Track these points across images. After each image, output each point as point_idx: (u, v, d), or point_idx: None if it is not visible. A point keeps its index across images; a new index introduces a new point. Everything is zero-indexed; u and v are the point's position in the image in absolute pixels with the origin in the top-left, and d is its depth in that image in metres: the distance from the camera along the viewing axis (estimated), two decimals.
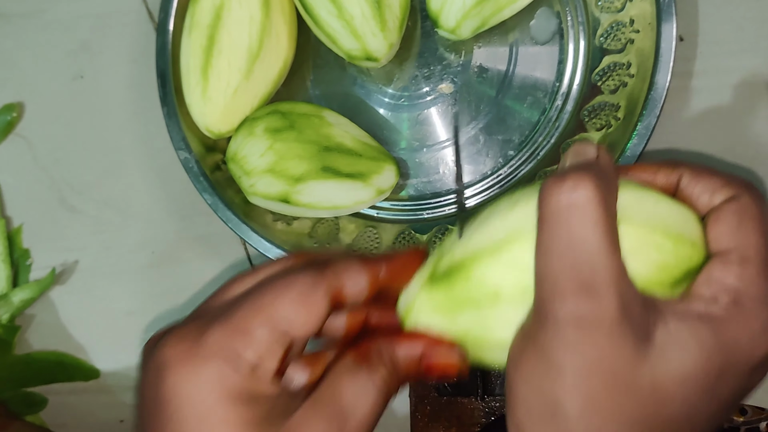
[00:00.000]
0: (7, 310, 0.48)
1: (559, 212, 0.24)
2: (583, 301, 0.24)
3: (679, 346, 0.24)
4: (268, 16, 0.43)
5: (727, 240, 0.26)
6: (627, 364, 0.24)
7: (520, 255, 0.26)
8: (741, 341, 0.25)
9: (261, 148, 0.41)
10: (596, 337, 0.23)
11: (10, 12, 0.52)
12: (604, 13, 0.43)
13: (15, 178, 0.51)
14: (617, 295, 0.24)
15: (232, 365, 0.26)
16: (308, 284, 0.27)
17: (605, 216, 0.24)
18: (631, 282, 0.25)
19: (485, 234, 0.27)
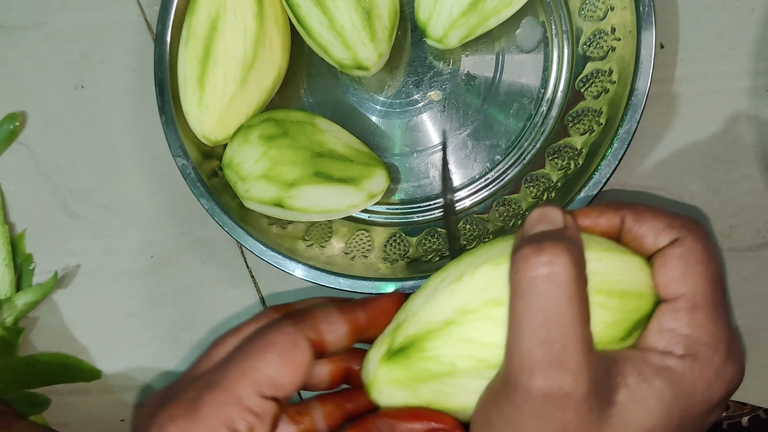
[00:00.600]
0: (11, 313, 0.50)
1: (536, 285, 0.25)
2: (554, 376, 0.24)
3: (640, 404, 0.25)
4: (262, 27, 0.44)
5: (675, 287, 0.27)
6: (591, 430, 0.25)
7: (470, 331, 0.27)
8: (697, 389, 0.26)
9: (256, 154, 0.43)
10: (563, 410, 0.24)
11: (12, 24, 0.54)
12: (587, 22, 0.44)
13: (18, 185, 0.52)
14: (587, 372, 0.24)
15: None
16: (288, 342, 0.28)
17: (580, 289, 0.25)
18: (595, 352, 0.25)
19: (435, 310, 0.28)
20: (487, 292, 0.27)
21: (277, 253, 0.44)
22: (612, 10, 0.43)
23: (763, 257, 0.43)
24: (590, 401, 0.25)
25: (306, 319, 0.29)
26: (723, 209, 0.44)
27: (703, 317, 0.26)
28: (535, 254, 0.25)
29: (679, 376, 0.26)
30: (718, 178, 0.44)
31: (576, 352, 0.24)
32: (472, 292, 0.28)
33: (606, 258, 0.28)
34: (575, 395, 0.24)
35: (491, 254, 0.29)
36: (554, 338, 0.24)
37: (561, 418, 0.24)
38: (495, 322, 0.27)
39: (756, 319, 0.43)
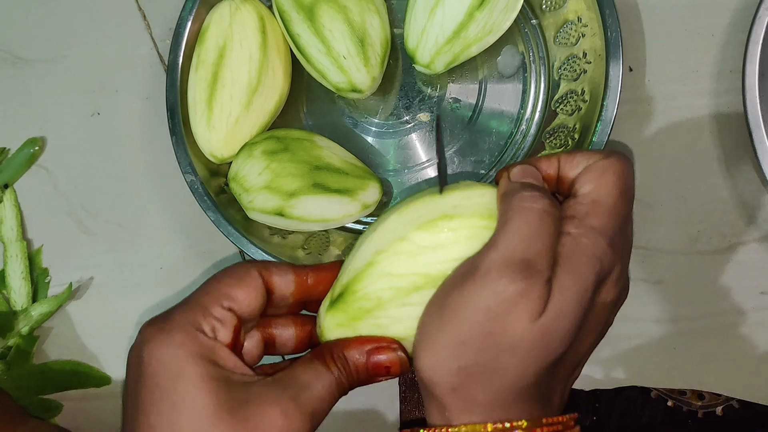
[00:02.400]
0: (27, 323, 0.53)
1: (532, 211, 0.30)
2: (524, 276, 0.29)
3: (558, 304, 0.29)
4: (265, 56, 0.49)
5: (585, 187, 0.31)
6: (533, 321, 0.29)
7: (386, 266, 0.32)
8: (579, 273, 0.30)
9: (259, 167, 0.47)
10: (520, 300, 0.29)
11: (35, 58, 0.58)
12: (561, 48, 0.49)
13: (36, 205, 0.56)
14: (545, 280, 0.29)
15: (192, 333, 0.31)
16: (243, 271, 0.34)
17: (554, 220, 0.31)
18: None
19: (359, 258, 0.34)
20: (394, 233, 0.33)
21: (279, 261, 0.47)
22: (583, 36, 0.47)
23: (729, 259, 0.46)
24: (542, 301, 0.29)
25: (260, 262, 0.35)
26: (691, 216, 0.47)
27: (599, 210, 0.31)
28: (535, 193, 0.31)
29: (571, 253, 0.30)
30: (685, 188, 0.48)
31: (545, 260, 0.29)
32: (383, 235, 0.33)
33: (487, 192, 0.33)
34: (534, 293, 0.29)
35: (396, 208, 0.35)
36: (534, 245, 0.29)
37: (514, 304, 0.29)
38: (403, 255, 0.32)
39: (724, 317, 0.46)
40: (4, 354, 0.52)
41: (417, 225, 0.32)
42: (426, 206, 0.33)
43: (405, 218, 0.33)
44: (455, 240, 0.32)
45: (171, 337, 0.31)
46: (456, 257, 0.31)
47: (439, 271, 0.32)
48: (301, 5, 0.48)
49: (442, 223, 0.32)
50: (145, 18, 0.57)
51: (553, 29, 0.49)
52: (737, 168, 0.47)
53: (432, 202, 0.33)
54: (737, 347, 0.46)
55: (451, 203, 0.33)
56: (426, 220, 0.32)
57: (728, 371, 0.45)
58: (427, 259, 0.32)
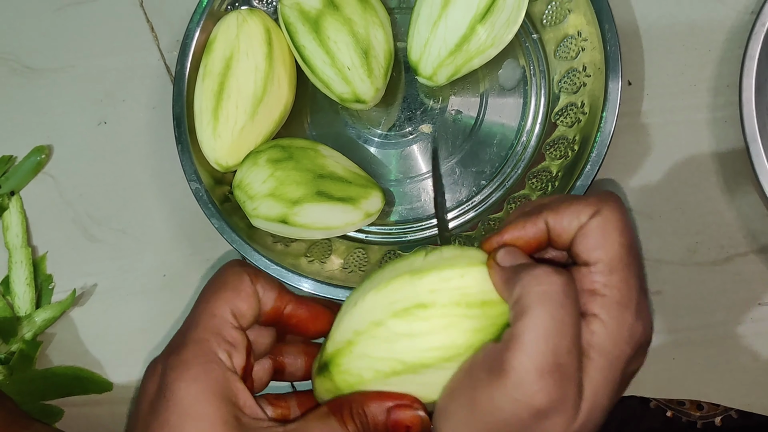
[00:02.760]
0: (31, 328, 0.53)
1: (551, 296, 0.28)
2: (557, 386, 0.28)
3: (592, 388, 0.29)
4: (271, 66, 0.50)
5: (594, 254, 0.30)
6: (567, 429, 0.28)
7: (364, 348, 0.32)
8: (617, 347, 0.29)
9: (263, 175, 0.47)
10: (556, 414, 0.28)
11: (44, 67, 0.59)
12: (561, 62, 0.50)
13: (42, 212, 0.57)
14: (577, 384, 0.28)
15: (209, 365, 0.31)
16: (236, 278, 0.33)
17: (574, 301, 0.29)
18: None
19: (342, 332, 0.34)
20: (372, 314, 0.32)
21: (282, 268, 0.48)
22: (583, 50, 0.48)
23: (726, 270, 0.47)
24: (576, 408, 0.28)
25: (251, 267, 0.35)
26: (689, 227, 0.48)
27: (617, 278, 0.29)
28: (551, 274, 0.29)
29: (602, 344, 0.29)
30: (683, 200, 0.48)
31: (575, 359, 0.28)
32: (362, 315, 0.33)
33: (467, 273, 0.32)
34: (568, 402, 0.28)
35: (375, 281, 0.33)
36: (563, 342, 0.28)
37: (548, 417, 0.28)
38: (380, 339, 0.32)
39: (723, 328, 0.46)
40: (7, 359, 0.52)
41: (393, 311, 0.32)
42: (403, 287, 0.32)
43: (383, 299, 0.32)
44: (431, 329, 0.31)
45: (188, 370, 0.30)
46: (432, 346, 0.31)
47: (416, 360, 0.31)
48: (307, 17, 0.49)
49: (418, 312, 0.31)
50: (152, 29, 0.58)
51: (553, 43, 0.50)
52: (734, 180, 0.48)
53: (410, 283, 0.32)
54: (736, 358, 0.46)
55: (428, 287, 0.32)
56: (401, 307, 0.32)
57: (727, 382, 0.46)
58: (404, 346, 0.31)
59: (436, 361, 0.31)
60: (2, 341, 0.53)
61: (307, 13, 0.49)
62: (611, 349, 0.29)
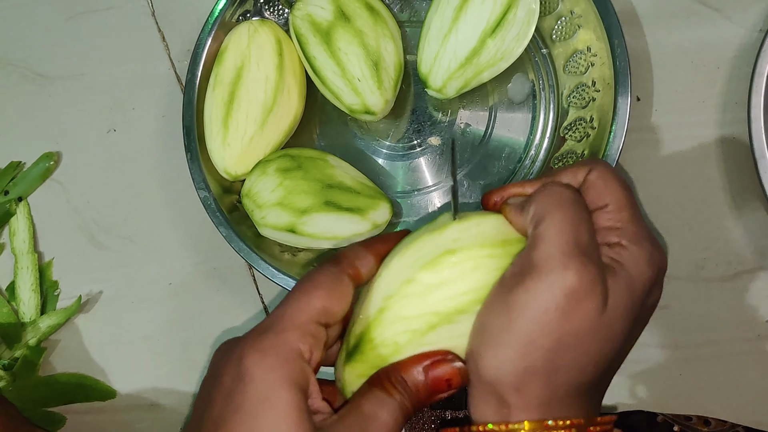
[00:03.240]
0: (35, 334, 0.53)
1: (566, 199, 0.32)
2: (586, 263, 0.29)
3: (616, 298, 0.30)
4: (281, 77, 0.50)
5: (602, 198, 0.33)
6: (599, 315, 0.30)
7: (397, 310, 0.32)
8: (640, 271, 0.31)
9: (272, 184, 0.47)
10: (587, 293, 0.29)
11: (55, 75, 0.59)
12: (570, 76, 0.50)
13: (49, 218, 0.57)
14: (602, 271, 0.30)
15: (289, 356, 0.30)
16: (334, 280, 0.33)
17: (585, 207, 0.32)
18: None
19: (369, 306, 0.34)
20: (400, 275, 0.33)
21: (289, 277, 0.48)
22: (592, 66, 0.49)
23: (734, 287, 0.47)
24: (604, 296, 0.29)
25: (342, 260, 0.34)
26: (697, 243, 0.48)
27: (627, 215, 0.32)
28: (560, 186, 0.32)
29: (626, 261, 0.31)
30: (691, 216, 0.48)
31: (596, 248, 0.31)
32: (389, 279, 0.33)
33: (482, 221, 0.34)
34: (597, 286, 0.29)
35: (396, 251, 0.34)
36: (582, 233, 0.30)
37: (582, 299, 0.29)
38: (412, 297, 0.32)
39: (730, 344, 0.46)
40: (11, 365, 0.52)
41: (421, 265, 0.32)
42: (426, 244, 0.33)
43: (408, 259, 0.33)
44: (461, 274, 0.32)
45: (265, 357, 0.30)
46: (464, 290, 0.32)
47: (450, 308, 0.32)
48: (318, 28, 0.49)
49: (445, 260, 0.32)
50: (164, 39, 0.58)
51: (562, 58, 0.50)
52: (742, 197, 0.48)
53: (431, 239, 0.33)
54: (743, 374, 0.46)
55: (450, 237, 0.33)
56: (429, 258, 0.32)
57: (734, 398, 0.46)
58: (437, 296, 0.32)
59: (470, 304, 0.32)
60: (6, 347, 0.53)
61: (319, 25, 0.49)
62: (633, 265, 0.31)
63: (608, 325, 0.30)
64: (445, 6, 0.48)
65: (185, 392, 0.52)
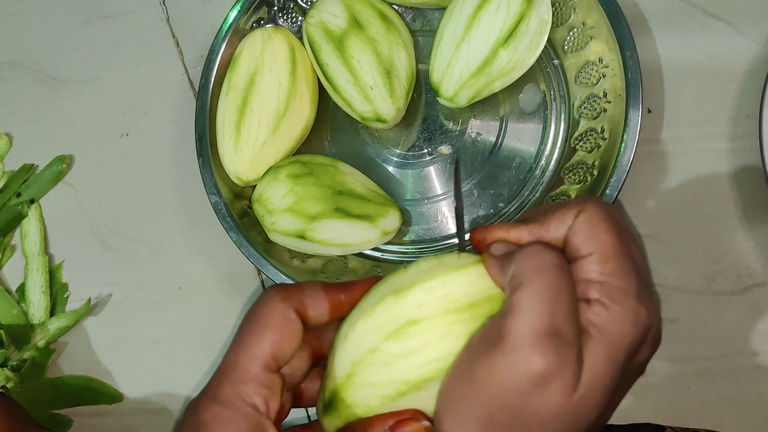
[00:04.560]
0: (44, 336, 0.53)
1: (546, 268, 0.29)
2: (556, 351, 0.27)
3: (590, 375, 0.28)
4: (294, 84, 0.50)
5: (585, 247, 0.30)
6: (567, 399, 0.28)
7: (365, 377, 0.32)
8: (624, 332, 0.28)
9: (283, 190, 0.48)
10: (554, 380, 0.27)
11: (69, 78, 0.60)
12: (582, 87, 0.50)
13: (60, 220, 0.57)
14: (576, 352, 0.28)
15: (243, 410, 0.31)
16: (282, 319, 0.32)
17: (569, 274, 0.29)
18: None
19: (339, 366, 0.33)
20: (365, 342, 0.32)
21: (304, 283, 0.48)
22: (604, 77, 0.49)
23: (745, 300, 0.47)
24: (575, 377, 0.28)
25: (294, 294, 0.33)
26: (707, 256, 0.48)
27: (612, 267, 0.29)
28: (543, 250, 0.30)
29: (605, 324, 0.28)
30: (702, 228, 0.48)
31: (572, 325, 0.28)
32: (355, 345, 0.32)
33: (449, 280, 0.32)
34: (567, 370, 0.27)
35: (362, 309, 0.33)
36: (560, 309, 0.28)
37: (547, 383, 0.27)
38: (378, 365, 0.31)
39: (739, 358, 0.46)
40: (19, 366, 0.52)
41: (385, 334, 0.32)
42: (391, 308, 0.32)
43: (373, 324, 0.32)
44: (426, 343, 0.31)
45: (222, 411, 0.30)
46: (430, 359, 0.31)
47: (418, 376, 0.31)
48: (332, 36, 0.49)
49: (409, 329, 0.31)
50: (178, 45, 0.59)
51: (574, 69, 0.50)
52: (753, 210, 0.48)
53: (396, 302, 0.32)
54: (752, 388, 0.46)
55: (414, 302, 0.31)
56: (393, 328, 0.31)
57: (743, 412, 0.45)
58: (403, 366, 0.31)
59: (438, 372, 0.31)
60: (15, 348, 0.53)
61: (332, 32, 0.49)
62: (613, 328, 0.28)
63: (579, 405, 0.28)
64: (458, 15, 0.48)
65: (192, 398, 0.51)
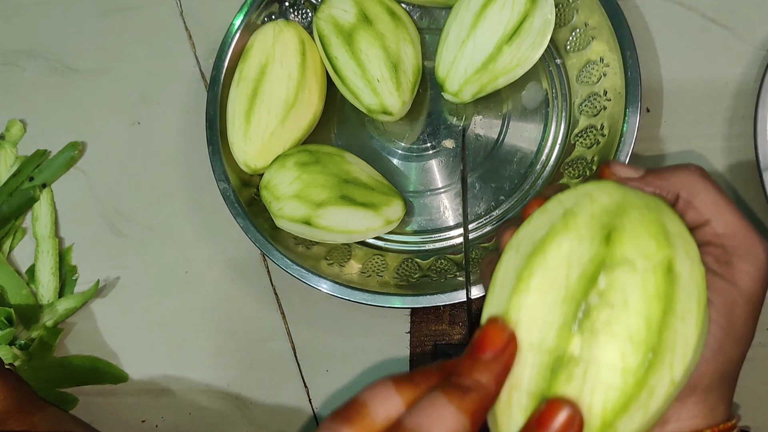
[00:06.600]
0: (52, 316, 0.55)
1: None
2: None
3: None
4: (303, 75, 0.52)
5: (707, 217, 0.32)
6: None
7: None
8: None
9: (290, 177, 0.49)
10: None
11: (84, 68, 0.62)
12: (583, 86, 0.52)
13: (71, 205, 0.58)
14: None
15: None
16: None
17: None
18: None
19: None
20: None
21: (302, 269, 0.49)
22: (605, 76, 0.50)
23: None
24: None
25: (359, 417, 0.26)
26: None
27: (737, 227, 0.32)
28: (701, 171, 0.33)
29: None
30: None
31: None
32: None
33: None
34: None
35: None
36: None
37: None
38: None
39: None
40: (27, 345, 0.53)
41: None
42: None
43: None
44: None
45: None
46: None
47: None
48: (341, 30, 0.51)
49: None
50: (190, 37, 0.61)
51: (576, 69, 0.52)
52: (747, 207, 0.49)
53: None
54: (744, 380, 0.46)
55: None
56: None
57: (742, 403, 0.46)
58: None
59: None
60: (24, 328, 0.55)
61: (342, 27, 0.51)
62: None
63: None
64: (464, 13, 0.50)
65: (195, 379, 0.53)
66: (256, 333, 0.53)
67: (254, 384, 0.52)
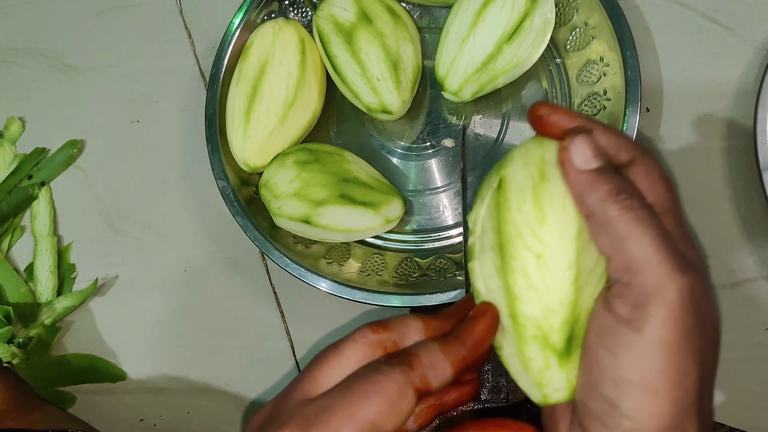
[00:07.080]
0: (50, 315, 0.54)
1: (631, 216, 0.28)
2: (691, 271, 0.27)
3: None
4: (303, 74, 0.52)
5: (647, 196, 0.29)
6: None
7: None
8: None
9: (290, 176, 0.49)
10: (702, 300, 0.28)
11: (84, 66, 0.62)
12: (583, 86, 0.51)
13: (70, 203, 0.58)
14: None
15: None
16: (397, 392, 0.28)
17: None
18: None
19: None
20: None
21: (302, 267, 0.49)
22: (604, 75, 0.50)
23: (736, 294, 0.48)
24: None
25: (414, 368, 0.29)
26: (700, 251, 0.49)
27: (670, 220, 0.29)
28: (631, 205, 0.29)
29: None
30: (696, 224, 0.49)
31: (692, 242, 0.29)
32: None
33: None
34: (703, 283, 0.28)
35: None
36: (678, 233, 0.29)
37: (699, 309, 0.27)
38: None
39: (730, 351, 0.47)
40: (26, 343, 0.53)
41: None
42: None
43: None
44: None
45: None
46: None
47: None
48: (341, 29, 0.51)
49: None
50: (190, 36, 0.60)
51: (576, 68, 0.52)
52: (747, 207, 0.49)
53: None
54: (742, 381, 0.47)
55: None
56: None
57: (733, 403, 0.46)
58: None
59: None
60: (22, 326, 0.55)
61: (341, 25, 0.51)
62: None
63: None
64: (464, 12, 0.50)
65: (194, 378, 0.53)
66: (254, 332, 0.53)
67: (253, 383, 0.52)
